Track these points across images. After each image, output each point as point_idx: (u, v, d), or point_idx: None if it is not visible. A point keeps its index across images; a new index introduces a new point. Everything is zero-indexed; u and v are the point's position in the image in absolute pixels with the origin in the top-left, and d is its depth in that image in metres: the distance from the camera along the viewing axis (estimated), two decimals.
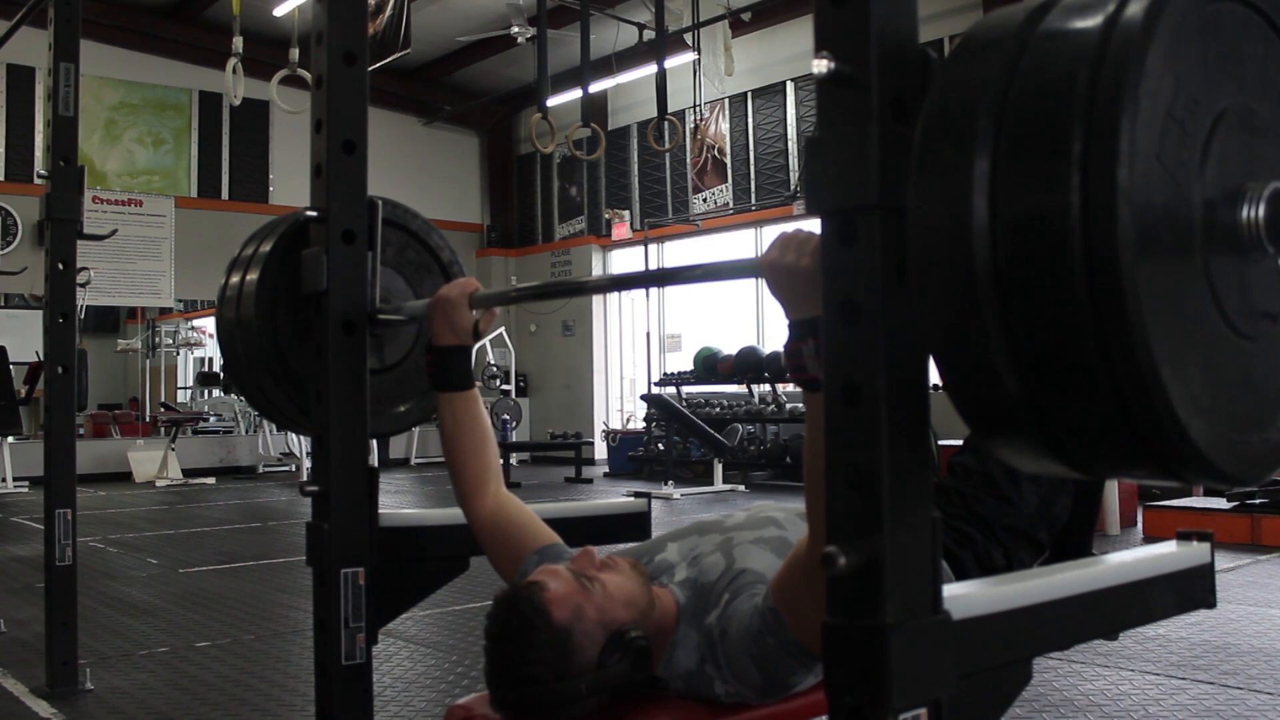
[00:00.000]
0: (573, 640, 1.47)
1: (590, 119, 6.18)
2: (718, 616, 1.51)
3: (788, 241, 1.26)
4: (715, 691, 1.51)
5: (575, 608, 1.48)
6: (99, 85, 12.10)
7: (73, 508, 3.27)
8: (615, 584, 1.54)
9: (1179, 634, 3.65)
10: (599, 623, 1.49)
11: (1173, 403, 0.83)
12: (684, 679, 1.54)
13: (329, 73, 1.87)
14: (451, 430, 1.85)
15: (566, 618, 1.47)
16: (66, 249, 3.35)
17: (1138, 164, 0.82)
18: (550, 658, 1.45)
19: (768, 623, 1.41)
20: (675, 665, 1.54)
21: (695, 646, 1.53)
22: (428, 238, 2.17)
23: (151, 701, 3.10)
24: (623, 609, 1.51)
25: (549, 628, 1.46)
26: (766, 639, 1.42)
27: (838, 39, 0.99)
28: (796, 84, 11.55)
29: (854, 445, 0.98)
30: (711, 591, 1.55)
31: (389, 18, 10.01)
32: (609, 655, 1.48)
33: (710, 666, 1.51)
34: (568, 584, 1.51)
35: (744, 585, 1.52)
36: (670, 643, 1.55)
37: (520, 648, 1.46)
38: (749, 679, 1.47)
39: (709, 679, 1.51)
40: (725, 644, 1.48)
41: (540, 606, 1.47)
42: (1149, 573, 1.40)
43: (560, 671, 1.46)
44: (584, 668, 1.47)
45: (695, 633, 1.53)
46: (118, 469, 10.99)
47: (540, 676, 1.45)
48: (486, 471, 1.85)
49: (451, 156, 14.91)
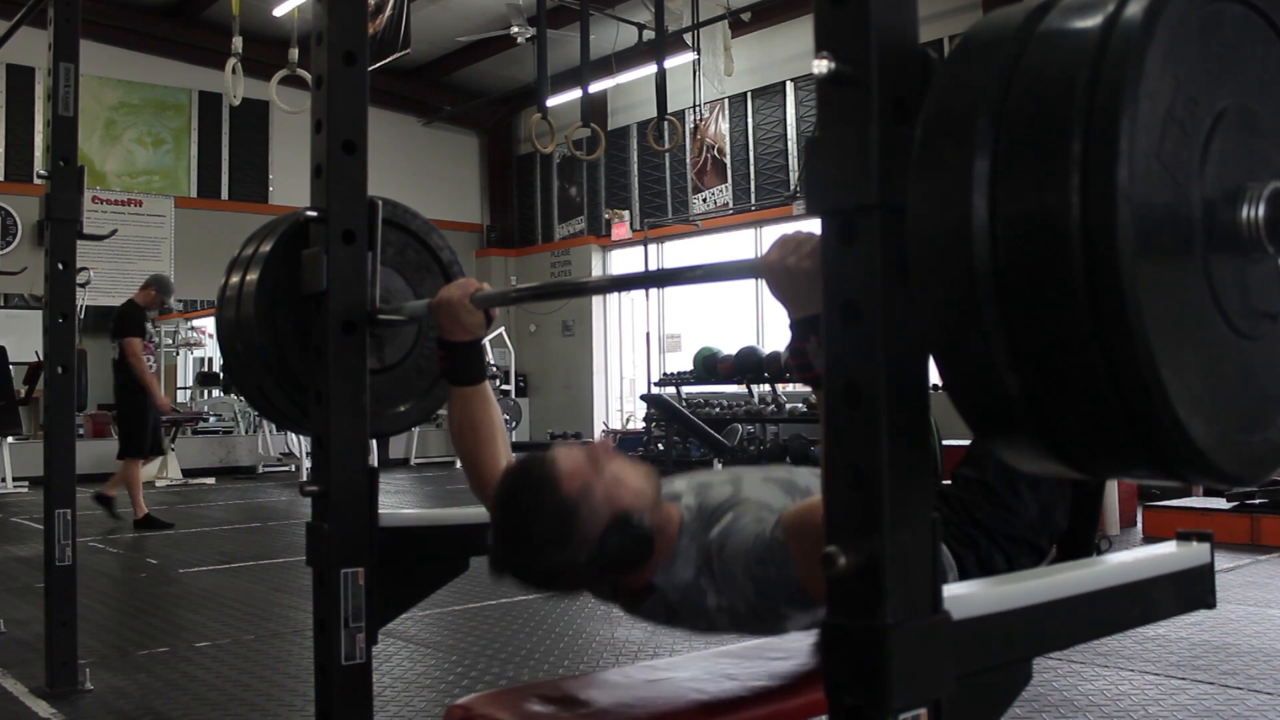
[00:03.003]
0: (578, 513, 1.50)
1: (590, 119, 6.17)
2: (719, 532, 1.53)
3: (787, 243, 1.27)
4: (708, 604, 1.53)
5: (585, 483, 1.52)
6: (99, 85, 12.09)
7: (73, 508, 3.27)
8: (627, 474, 1.57)
9: (1179, 634, 3.65)
10: (605, 502, 1.52)
11: (1173, 403, 0.83)
12: (680, 590, 1.56)
13: (329, 73, 1.87)
14: (465, 424, 1.86)
15: (574, 490, 1.50)
16: (66, 249, 3.35)
17: (1137, 164, 0.82)
18: (553, 525, 1.49)
19: (773, 553, 1.42)
20: (674, 575, 1.56)
21: (693, 559, 1.55)
22: (427, 237, 2.17)
23: (151, 701, 3.10)
24: (631, 497, 1.54)
25: (556, 496, 1.50)
26: (769, 567, 1.43)
27: (838, 39, 0.99)
28: (796, 84, 11.55)
29: (854, 445, 0.98)
30: (715, 511, 1.58)
31: (389, 18, 10.01)
32: (611, 535, 1.50)
33: (705, 579, 1.53)
34: (580, 461, 1.55)
35: (748, 509, 1.55)
36: (672, 552, 1.57)
37: (526, 512, 1.51)
38: (743, 594, 1.48)
39: (703, 591, 1.53)
40: (723, 557, 1.50)
41: (551, 475, 1.51)
42: (1149, 573, 1.40)
43: (562, 539, 1.49)
44: (585, 540, 1.50)
45: (695, 546, 1.56)
46: (118, 469, 10.96)
47: (541, 541, 1.49)
48: (499, 459, 1.86)
49: (451, 156, 14.91)
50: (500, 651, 3.67)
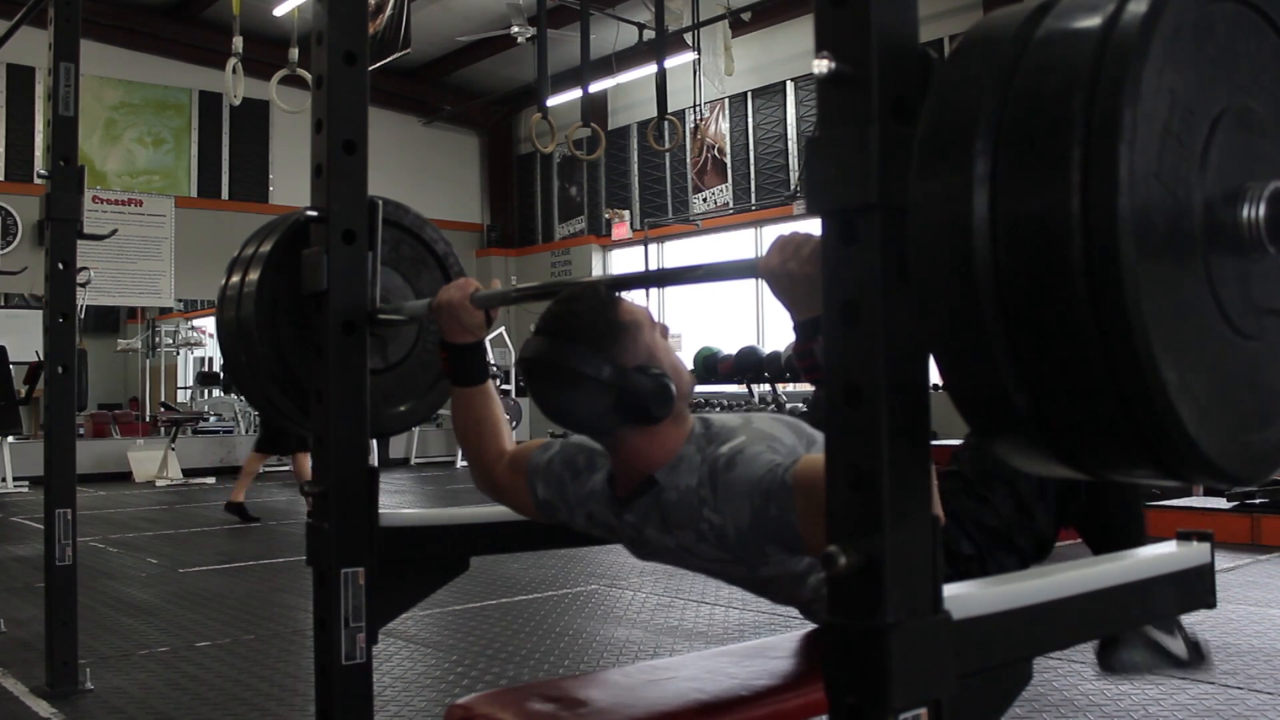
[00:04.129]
0: (622, 336, 1.56)
1: (590, 119, 6.17)
2: (729, 449, 1.54)
3: (786, 245, 1.27)
4: (702, 514, 1.55)
5: (638, 322, 1.59)
6: (99, 85, 12.10)
7: (73, 508, 3.27)
8: (674, 355, 1.64)
9: None
10: (647, 348, 1.58)
11: (1174, 402, 0.83)
12: (680, 491, 1.57)
13: (329, 73, 1.87)
14: (469, 422, 1.86)
15: (626, 321, 1.58)
16: (66, 249, 3.35)
17: (1137, 164, 0.82)
18: (594, 331, 1.55)
19: (779, 495, 1.43)
20: (677, 477, 1.58)
21: (696, 468, 1.57)
22: (421, 232, 2.16)
23: (151, 701, 3.10)
24: (666, 363, 1.60)
25: (610, 310, 1.58)
26: (770, 506, 1.44)
27: (838, 39, 0.99)
28: (796, 84, 11.55)
29: (854, 445, 0.98)
30: (725, 432, 1.60)
31: (389, 18, 10.01)
32: (640, 373, 1.55)
33: (706, 490, 1.54)
34: (645, 313, 1.63)
35: (759, 437, 1.56)
36: (677, 455, 1.60)
37: (577, 309, 1.57)
38: (737, 519, 1.49)
39: (701, 501, 1.55)
40: (727, 477, 1.51)
41: (613, 299, 1.60)
42: (1149, 573, 1.40)
43: (596, 346, 1.54)
44: (616, 360, 1.55)
45: (700, 457, 1.58)
46: (118, 469, 10.97)
47: (578, 338, 1.54)
48: (503, 448, 1.87)
49: (451, 156, 14.91)
50: (500, 651, 3.67)
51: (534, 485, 1.78)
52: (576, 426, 1.63)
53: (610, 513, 1.68)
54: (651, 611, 4.31)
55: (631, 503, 1.63)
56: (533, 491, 1.79)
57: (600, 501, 1.69)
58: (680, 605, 4.41)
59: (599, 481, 1.70)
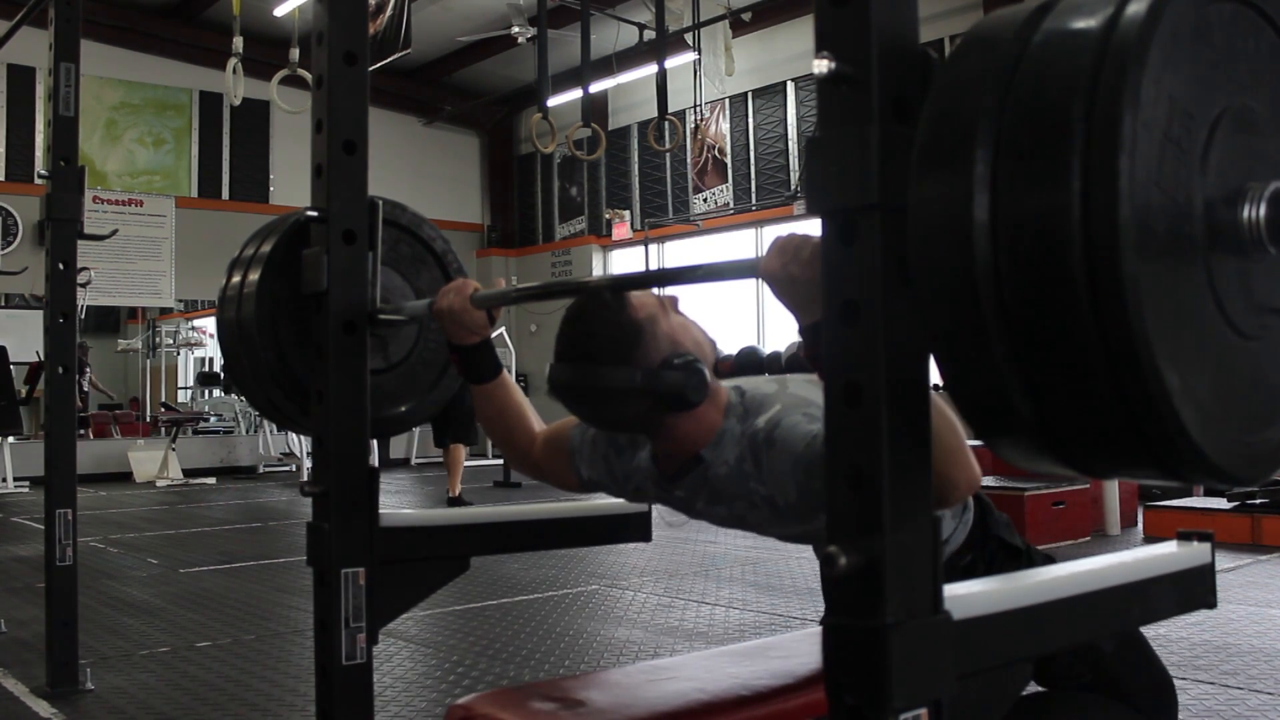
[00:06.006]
0: (641, 338, 1.53)
1: (590, 119, 6.17)
2: (766, 421, 1.53)
3: (785, 248, 1.26)
4: (751, 487, 1.54)
5: (651, 315, 1.55)
6: (99, 85, 12.10)
7: (73, 508, 3.27)
8: (691, 327, 1.61)
9: (1179, 634, 3.65)
10: (667, 338, 1.55)
11: (1174, 403, 0.83)
12: (728, 465, 1.57)
13: (329, 73, 1.87)
14: (493, 413, 1.87)
15: (640, 318, 1.54)
16: (67, 249, 3.35)
17: (1137, 173, 0.82)
18: (614, 343, 1.52)
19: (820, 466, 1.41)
20: (722, 451, 1.57)
21: (737, 441, 1.56)
22: (418, 230, 2.16)
23: (152, 701, 3.11)
24: (691, 345, 1.57)
25: (622, 316, 1.53)
26: (814, 480, 1.43)
27: (838, 39, 0.99)
28: (797, 84, 11.55)
29: (854, 445, 0.98)
30: (762, 401, 1.58)
31: (389, 18, 10.01)
32: (669, 367, 1.52)
33: (749, 465, 1.53)
34: (649, 297, 1.59)
35: (795, 404, 1.54)
36: (719, 430, 1.58)
37: (590, 327, 1.54)
38: (784, 492, 1.49)
39: (747, 475, 1.54)
40: (771, 454, 1.50)
41: (621, 300, 1.55)
42: (1149, 573, 1.40)
43: (622, 357, 1.51)
44: (643, 364, 1.52)
45: (739, 427, 1.57)
46: (118, 469, 10.98)
47: (601, 356, 1.51)
48: (533, 432, 1.88)
49: (451, 156, 14.91)
50: (500, 651, 3.67)
51: (577, 466, 1.80)
52: (627, 431, 1.64)
53: (658, 488, 1.69)
54: (651, 611, 4.31)
55: (680, 479, 1.63)
56: (576, 472, 1.81)
57: (647, 478, 1.70)
58: (680, 605, 4.41)
59: (644, 459, 1.69)
